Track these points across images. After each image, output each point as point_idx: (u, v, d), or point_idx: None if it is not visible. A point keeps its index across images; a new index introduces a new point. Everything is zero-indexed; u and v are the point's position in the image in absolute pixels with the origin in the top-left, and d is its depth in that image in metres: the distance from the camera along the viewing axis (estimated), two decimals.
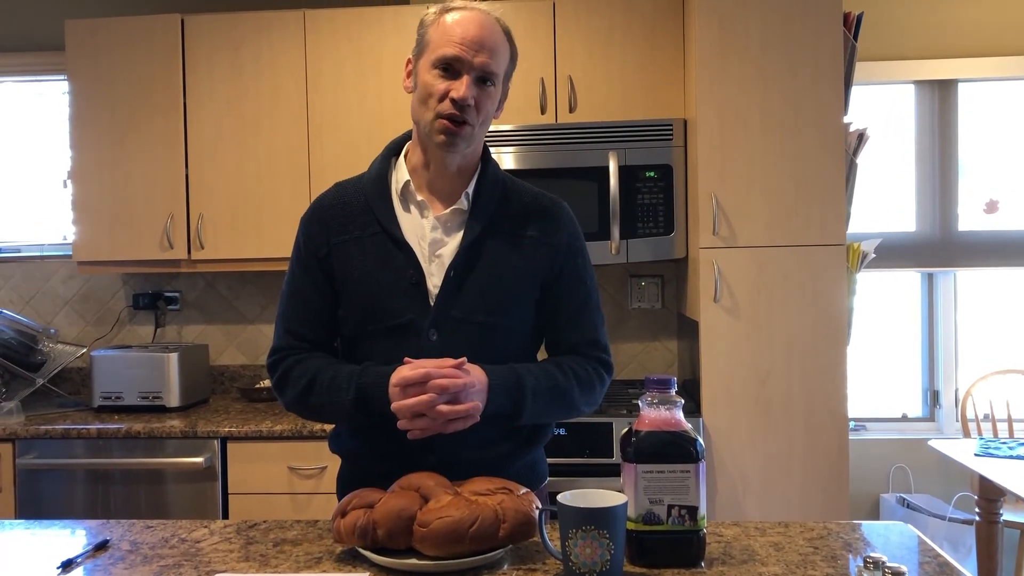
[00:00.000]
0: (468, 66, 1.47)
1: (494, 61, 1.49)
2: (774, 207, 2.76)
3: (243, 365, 3.59)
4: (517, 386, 1.47)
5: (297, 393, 1.53)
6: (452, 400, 1.39)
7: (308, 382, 1.52)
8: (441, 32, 1.48)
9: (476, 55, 1.46)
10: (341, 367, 1.52)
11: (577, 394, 1.55)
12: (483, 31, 1.48)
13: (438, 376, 1.38)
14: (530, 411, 1.50)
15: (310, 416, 1.58)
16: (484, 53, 1.47)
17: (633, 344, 3.48)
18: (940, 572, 1.28)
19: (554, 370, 1.54)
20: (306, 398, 1.53)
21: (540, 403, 1.50)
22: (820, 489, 2.74)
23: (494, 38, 1.49)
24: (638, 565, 1.30)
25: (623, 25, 3.07)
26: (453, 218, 1.55)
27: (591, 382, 1.57)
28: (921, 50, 3.47)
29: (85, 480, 2.89)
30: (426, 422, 1.40)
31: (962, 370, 3.57)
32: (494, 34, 1.49)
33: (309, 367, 1.54)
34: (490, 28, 1.49)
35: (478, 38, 1.47)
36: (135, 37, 3.19)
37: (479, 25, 1.48)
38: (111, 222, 3.22)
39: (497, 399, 1.45)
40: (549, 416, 1.57)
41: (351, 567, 1.33)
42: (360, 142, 3.12)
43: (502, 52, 1.51)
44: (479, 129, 1.52)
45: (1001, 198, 3.56)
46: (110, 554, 1.42)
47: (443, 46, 1.47)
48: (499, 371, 1.47)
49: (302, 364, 1.55)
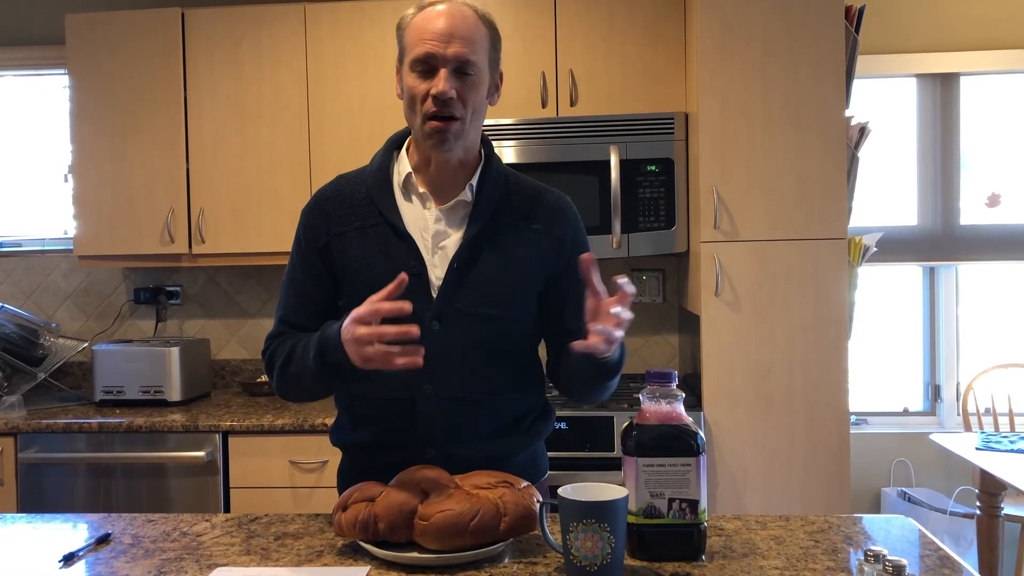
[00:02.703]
0: (442, 60, 1.45)
1: (469, 49, 1.47)
2: (775, 201, 2.76)
3: (244, 359, 3.59)
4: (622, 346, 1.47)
5: (278, 370, 1.54)
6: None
7: (286, 356, 1.53)
8: (414, 32, 1.48)
9: (448, 47, 1.45)
10: (312, 335, 1.48)
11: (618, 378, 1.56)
12: (452, 21, 1.46)
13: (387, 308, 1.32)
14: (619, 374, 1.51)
15: (294, 394, 1.58)
16: (456, 43, 1.45)
17: (634, 338, 3.48)
18: (941, 566, 1.28)
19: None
20: (284, 371, 1.53)
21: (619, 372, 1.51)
22: (821, 483, 2.74)
23: (466, 26, 1.47)
24: (639, 558, 1.30)
25: (624, 18, 3.07)
26: (456, 210, 1.55)
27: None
28: (923, 43, 3.46)
29: (86, 474, 2.89)
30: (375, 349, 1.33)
31: (963, 364, 3.57)
32: (466, 22, 1.47)
33: (288, 342, 1.54)
34: (460, 17, 1.47)
35: (448, 29, 1.45)
36: (136, 31, 3.19)
37: (447, 16, 1.47)
38: (112, 216, 3.22)
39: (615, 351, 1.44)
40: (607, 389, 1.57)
41: (352, 560, 1.33)
42: (361, 136, 3.11)
43: (477, 39, 1.49)
44: (471, 122, 1.51)
45: (1003, 192, 3.55)
46: (112, 548, 1.42)
47: (417, 45, 1.47)
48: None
49: (285, 342, 1.55)
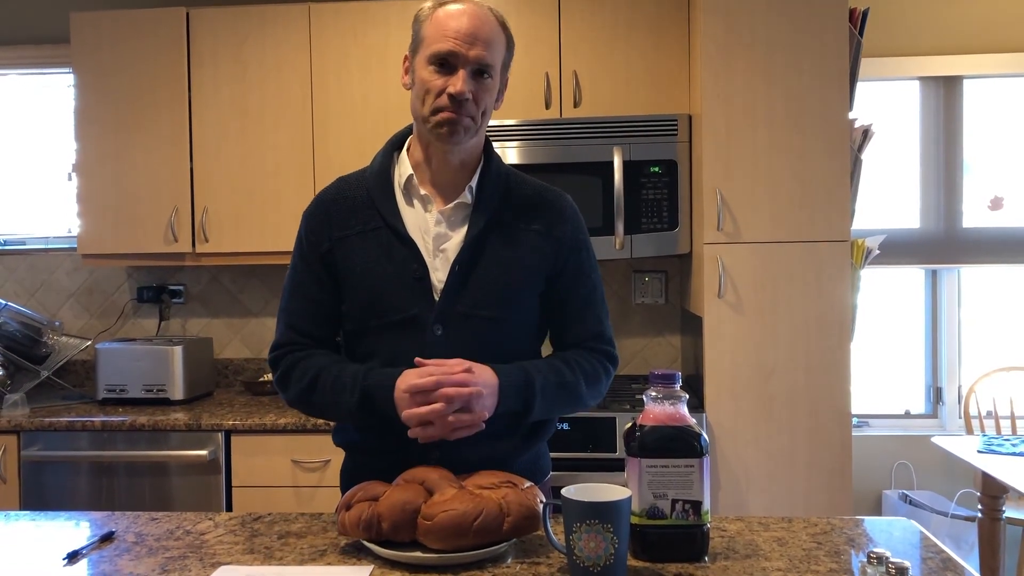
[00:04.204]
0: (464, 60, 1.46)
1: (489, 53, 1.48)
2: (778, 203, 2.76)
3: (247, 358, 3.59)
4: (526, 385, 1.47)
5: (300, 391, 1.53)
6: (461, 408, 1.39)
7: (311, 380, 1.52)
8: (435, 27, 1.48)
9: (471, 48, 1.46)
10: (345, 366, 1.51)
11: (584, 389, 1.55)
12: (477, 23, 1.47)
13: (448, 384, 1.38)
14: (539, 409, 1.50)
15: (312, 413, 1.59)
16: (479, 46, 1.46)
17: (637, 339, 3.48)
18: (943, 568, 1.28)
19: (561, 366, 1.54)
20: (309, 396, 1.53)
21: (549, 400, 1.51)
22: (823, 485, 2.74)
23: (488, 29, 1.48)
24: (642, 559, 1.30)
25: (628, 20, 3.07)
26: (456, 212, 1.55)
27: (597, 376, 1.58)
28: (926, 46, 3.46)
29: (89, 472, 2.90)
30: (434, 430, 1.40)
31: (965, 367, 3.57)
32: (488, 25, 1.48)
33: (312, 365, 1.53)
34: (484, 20, 1.48)
35: (472, 31, 1.46)
36: (140, 30, 3.19)
37: (472, 17, 1.47)
38: (116, 215, 3.22)
39: (507, 400, 1.45)
40: (556, 412, 1.58)
41: (356, 560, 1.33)
42: (365, 136, 3.12)
43: (497, 43, 1.50)
44: (480, 122, 1.51)
45: (1006, 195, 3.55)
46: (115, 546, 1.42)
47: (437, 41, 1.47)
48: (508, 371, 1.47)
49: (305, 361, 1.54)
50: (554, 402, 1.52)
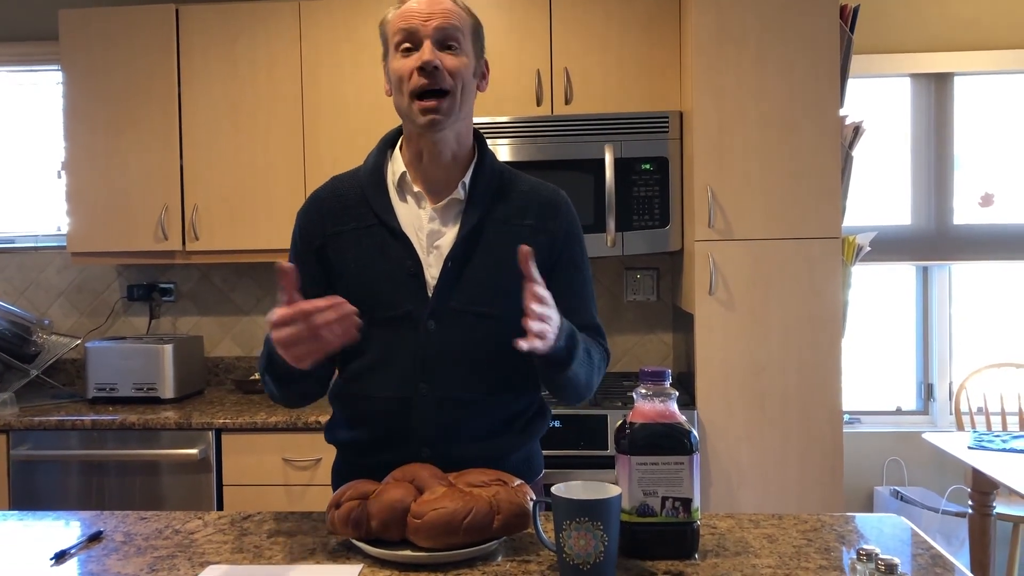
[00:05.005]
0: (424, 33, 1.47)
1: (449, 21, 1.49)
2: (770, 200, 2.76)
3: (238, 357, 3.58)
4: (572, 333, 1.44)
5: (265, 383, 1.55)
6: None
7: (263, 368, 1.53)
8: (393, 22, 1.51)
9: (428, 20, 1.47)
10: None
11: (595, 366, 1.54)
12: (431, 2, 1.49)
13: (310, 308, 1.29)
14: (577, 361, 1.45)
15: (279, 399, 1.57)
16: (437, 16, 1.48)
17: (628, 337, 3.48)
18: (933, 564, 1.28)
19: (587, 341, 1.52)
20: (263, 374, 1.54)
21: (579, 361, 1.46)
22: (814, 481, 2.75)
23: (446, 4, 1.50)
24: (632, 557, 1.30)
25: (619, 17, 3.07)
26: (450, 208, 1.55)
27: (602, 363, 1.58)
28: (917, 43, 3.46)
29: (79, 471, 2.88)
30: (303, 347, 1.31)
31: (956, 363, 3.58)
32: (442, 4, 1.50)
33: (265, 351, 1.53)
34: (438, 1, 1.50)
35: (427, 7, 1.48)
36: (130, 27, 3.18)
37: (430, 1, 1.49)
38: (105, 213, 3.21)
39: (562, 335, 1.39)
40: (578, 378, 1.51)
41: (345, 558, 1.33)
42: (357, 133, 3.11)
43: (457, 16, 1.51)
44: (462, 101, 1.50)
45: (996, 191, 3.56)
46: (104, 545, 1.42)
47: (398, 29, 1.49)
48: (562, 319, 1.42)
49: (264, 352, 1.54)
50: (580, 365, 1.47)
